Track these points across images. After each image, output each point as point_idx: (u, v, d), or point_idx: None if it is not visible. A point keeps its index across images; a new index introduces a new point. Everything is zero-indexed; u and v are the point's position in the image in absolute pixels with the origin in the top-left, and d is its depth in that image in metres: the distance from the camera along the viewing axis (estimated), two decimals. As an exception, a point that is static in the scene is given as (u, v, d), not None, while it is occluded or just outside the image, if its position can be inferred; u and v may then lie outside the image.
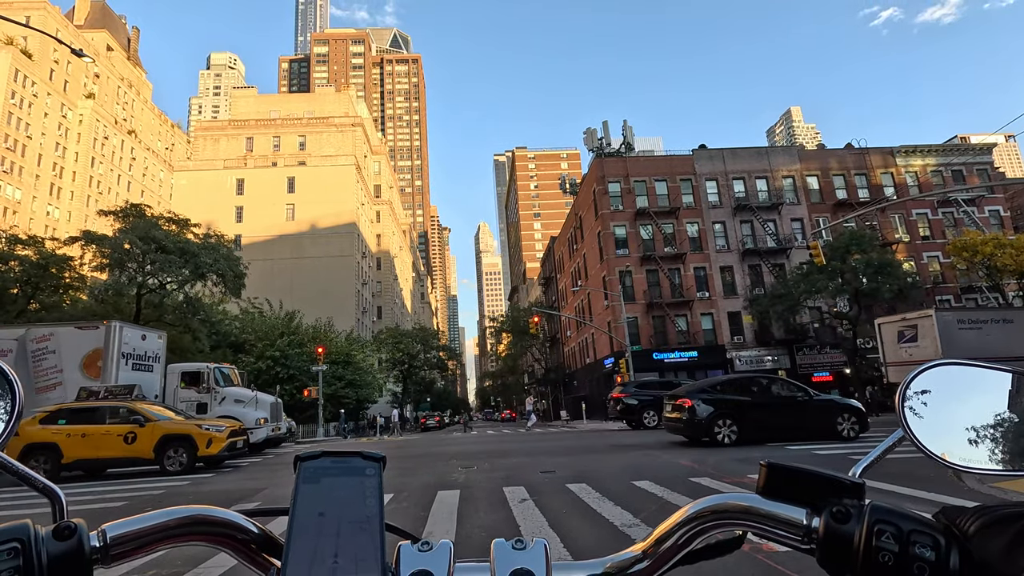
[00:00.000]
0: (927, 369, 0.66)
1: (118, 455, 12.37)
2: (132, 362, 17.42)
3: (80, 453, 12.18)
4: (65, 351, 16.31)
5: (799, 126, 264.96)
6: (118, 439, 12.28)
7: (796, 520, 0.58)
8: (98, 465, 12.56)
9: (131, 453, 12.36)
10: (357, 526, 0.58)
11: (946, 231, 41.05)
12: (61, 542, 0.53)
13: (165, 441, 12.46)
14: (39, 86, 74.36)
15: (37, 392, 15.87)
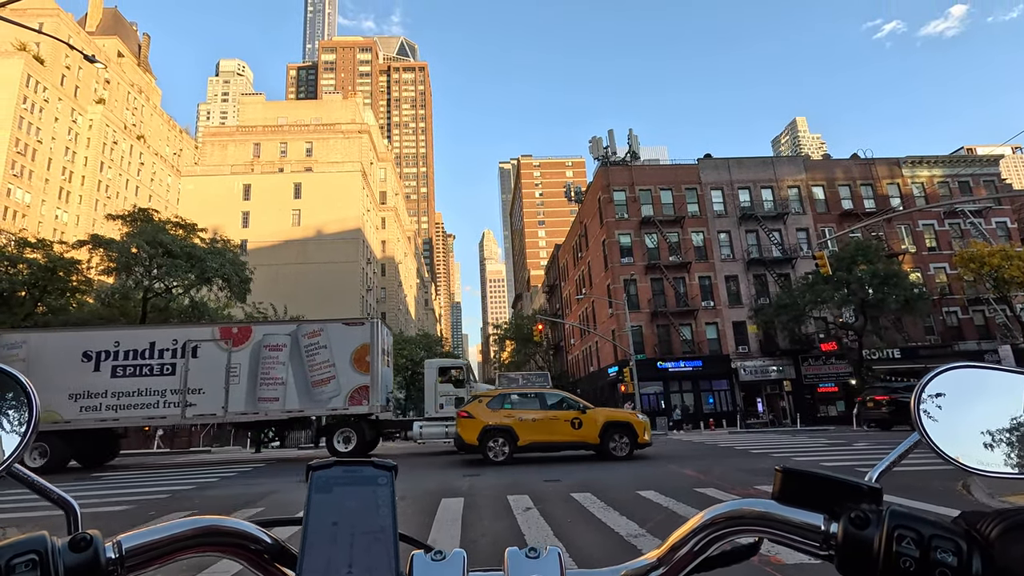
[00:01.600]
0: (942, 372, 0.65)
1: (567, 439, 13.23)
2: (385, 357, 18.18)
3: (533, 437, 13.15)
4: (336, 346, 16.87)
5: (804, 136, 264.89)
6: (566, 424, 13.18)
7: (813, 526, 0.57)
8: (549, 448, 13.42)
9: (578, 438, 13.23)
10: (371, 536, 0.59)
11: (953, 242, 40.85)
12: (77, 553, 0.54)
13: (607, 428, 13.23)
14: (50, 91, 75.21)
15: (313, 386, 16.50)
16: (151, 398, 16.22)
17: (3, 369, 0.66)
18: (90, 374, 16.17)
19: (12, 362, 15.84)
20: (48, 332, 18.19)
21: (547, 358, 68.15)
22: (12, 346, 16.28)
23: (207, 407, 16.39)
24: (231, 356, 16.60)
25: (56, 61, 76.19)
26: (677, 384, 38.43)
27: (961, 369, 0.65)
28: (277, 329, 17.33)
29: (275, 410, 16.44)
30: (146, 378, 16.34)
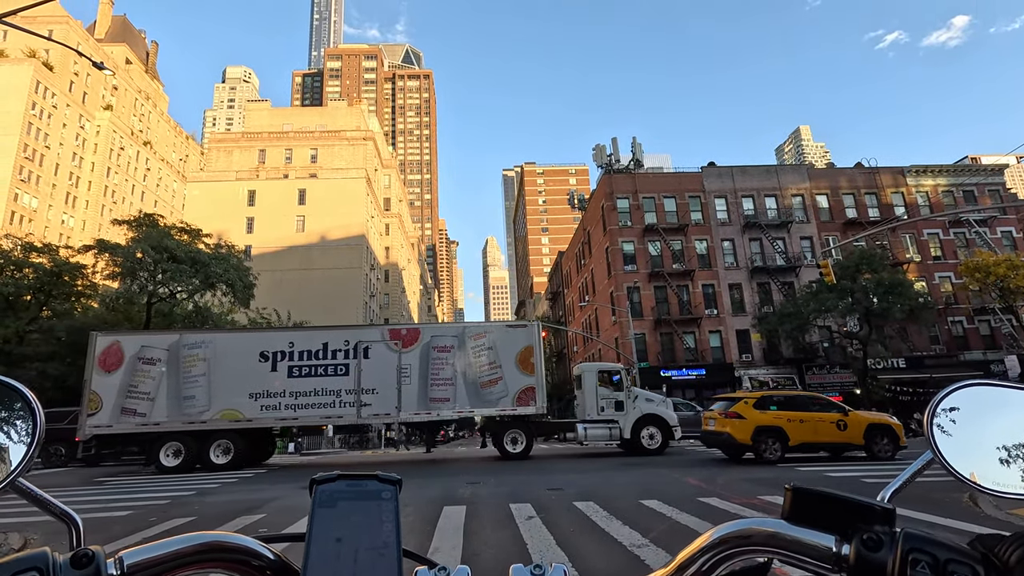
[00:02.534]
0: (956, 389, 0.64)
1: (833, 440, 13.51)
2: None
3: (803, 437, 13.37)
4: (501, 348, 17.16)
5: (808, 144, 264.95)
6: (831, 426, 13.42)
7: (824, 547, 0.56)
8: (817, 448, 13.70)
9: (844, 439, 13.49)
10: (375, 552, 0.58)
11: (958, 251, 40.70)
12: (79, 570, 0.53)
13: (871, 430, 13.50)
14: (59, 98, 75.93)
15: (482, 387, 16.81)
16: (327, 398, 16.50)
17: (8, 383, 0.66)
18: (268, 374, 16.53)
19: (195, 362, 16.40)
20: (226, 332, 18.76)
21: (550, 365, 68.04)
22: (194, 346, 16.57)
23: (381, 407, 16.63)
24: (401, 357, 16.91)
25: (65, 68, 76.99)
26: (680, 392, 38.21)
27: (976, 387, 0.64)
28: (444, 331, 17.80)
29: (447, 410, 16.75)
30: (321, 378, 16.62)
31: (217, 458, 15.88)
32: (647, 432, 17.45)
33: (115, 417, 15.72)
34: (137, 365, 16.12)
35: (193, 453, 15.88)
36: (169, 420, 15.92)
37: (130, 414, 15.78)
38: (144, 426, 15.83)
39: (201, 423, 15.96)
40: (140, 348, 16.39)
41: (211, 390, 16.18)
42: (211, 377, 16.26)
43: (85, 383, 15.95)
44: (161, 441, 15.89)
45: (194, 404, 16.04)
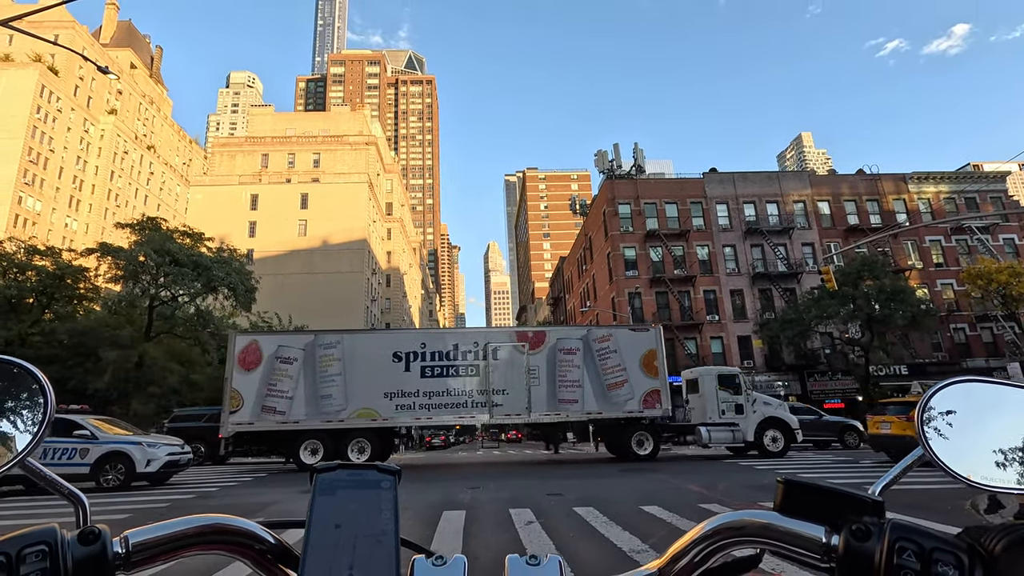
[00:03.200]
0: (947, 386, 0.65)
1: None
2: None
3: None
4: (625, 351, 17.37)
5: (810, 151, 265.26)
6: None
7: (815, 538, 0.57)
8: None
9: None
10: (373, 539, 0.59)
11: (960, 258, 40.64)
12: (86, 546, 0.55)
13: None
14: (64, 101, 76.39)
15: (608, 389, 16.98)
16: (460, 398, 16.74)
17: (19, 363, 0.67)
18: (402, 374, 16.74)
19: (330, 362, 16.55)
20: (359, 333, 19.04)
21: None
22: (329, 346, 16.75)
23: (512, 408, 16.76)
24: (528, 359, 17.12)
25: (70, 72, 77.48)
26: (681, 398, 38.15)
27: (966, 383, 0.65)
28: (569, 333, 17.91)
29: (575, 411, 16.90)
30: (453, 378, 16.87)
31: (354, 456, 15.96)
32: (769, 435, 17.58)
33: (256, 415, 15.99)
34: (275, 364, 16.37)
35: (330, 451, 16.10)
36: (308, 418, 16.13)
37: (270, 412, 16.04)
38: (284, 424, 16.04)
39: (339, 422, 16.20)
40: (277, 348, 16.65)
41: (347, 389, 16.41)
42: (346, 377, 16.52)
43: (226, 381, 16.27)
44: (300, 439, 16.14)
45: (331, 403, 16.28)
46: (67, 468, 12.09)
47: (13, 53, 71.93)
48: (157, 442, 13.15)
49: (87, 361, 26.71)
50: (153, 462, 12.55)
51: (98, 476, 12.21)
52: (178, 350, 30.78)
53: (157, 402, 28.38)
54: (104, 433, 12.71)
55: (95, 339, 26.89)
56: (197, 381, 30.19)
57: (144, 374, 27.78)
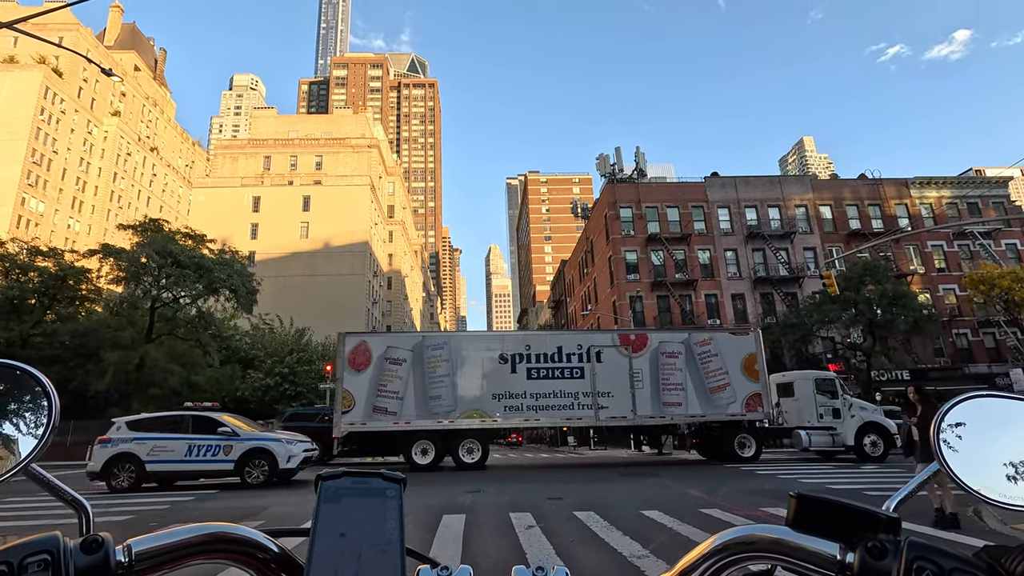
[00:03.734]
0: (962, 401, 0.64)
1: None
2: None
3: None
4: (726, 354, 17.58)
5: (812, 155, 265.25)
6: None
7: (829, 555, 0.55)
8: None
9: None
10: (378, 548, 0.58)
11: (962, 264, 40.56)
12: (88, 555, 0.54)
13: None
14: (67, 103, 76.66)
15: (711, 392, 17.24)
16: (566, 400, 16.87)
17: (25, 368, 0.66)
18: (509, 376, 16.93)
19: (439, 363, 16.72)
20: (465, 335, 19.34)
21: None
22: (436, 347, 17.03)
23: (617, 410, 16.89)
24: (632, 362, 17.32)
25: (74, 74, 77.78)
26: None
27: (983, 398, 0.64)
28: (671, 337, 18.18)
29: (679, 414, 17.07)
30: (558, 380, 17.02)
31: (465, 457, 16.29)
32: (869, 439, 17.58)
33: (368, 415, 16.17)
34: (384, 365, 16.59)
35: (440, 452, 16.27)
36: (419, 419, 16.32)
37: (382, 412, 16.23)
38: (396, 424, 16.22)
39: (449, 422, 16.37)
40: (386, 348, 16.83)
41: (456, 390, 16.63)
42: (454, 378, 16.73)
43: (337, 381, 16.59)
44: (411, 439, 16.30)
45: (441, 404, 16.48)
46: (213, 464, 12.35)
47: (18, 55, 72.25)
48: (293, 439, 13.42)
49: (88, 362, 26.73)
50: (292, 458, 12.77)
51: (242, 472, 12.44)
52: (179, 352, 30.78)
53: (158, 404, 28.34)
54: (243, 430, 12.96)
55: (96, 340, 26.92)
56: (198, 383, 30.18)
57: (145, 375, 27.79)
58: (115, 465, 12.19)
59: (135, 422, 12.88)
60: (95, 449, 12.32)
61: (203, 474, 12.58)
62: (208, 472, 12.52)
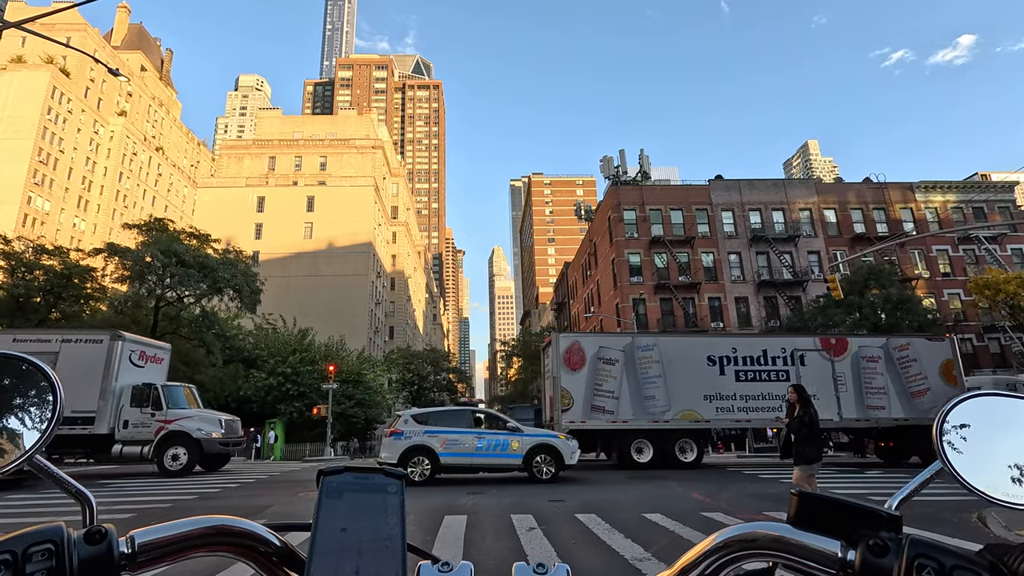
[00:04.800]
0: (965, 400, 0.64)
1: None
2: None
3: None
4: (923, 360, 18.02)
5: (816, 159, 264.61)
6: None
7: (830, 552, 0.55)
8: None
9: None
10: (379, 544, 0.58)
11: (967, 268, 40.38)
12: (92, 546, 0.54)
13: None
14: (74, 103, 77.10)
15: (913, 396, 17.56)
16: (774, 401, 17.16)
17: (30, 360, 0.67)
18: (718, 377, 17.34)
19: (650, 364, 17.17)
20: (673, 336, 19.87)
21: (554, 376, 67.72)
22: (646, 348, 17.46)
23: (823, 413, 17.42)
24: (834, 365, 17.71)
25: (81, 74, 78.24)
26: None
27: (984, 397, 0.64)
28: (870, 342, 18.52)
29: (883, 418, 17.32)
30: (765, 383, 17.41)
31: (681, 456, 16.55)
32: None
33: (586, 413, 16.55)
34: (598, 364, 17.04)
35: (657, 451, 16.54)
36: (635, 418, 16.71)
37: (599, 411, 16.63)
38: (614, 423, 16.59)
39: (664, 422, 16.72)
40: (598, 348, 17.27)
41: (668, 391, 16.99)
42: (667, 379, 17.09)
43: (555, 380, 16.91)
44: (628, 438, 16.60)
45: (655, 404, 16.88)
46: (502, 459, 12.71)
47: (26, 55, 72.70)
48: (570, 437, 13.87)
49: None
50: (574, 455, 13.18)
51: (530, 467, 12.73)
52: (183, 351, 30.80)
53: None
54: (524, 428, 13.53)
55: (101, 339, 26.96)
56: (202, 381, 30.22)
57: (149, 374, 27.83)
58: (411, 457, 12.60)
59: (418, 415, 13.34)
60: (388, 441, 12.82)
61: (492, 468, 12.96)
62: (496, 466, 12.91)
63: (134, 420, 15.97)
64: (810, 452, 7.15)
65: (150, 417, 15.98)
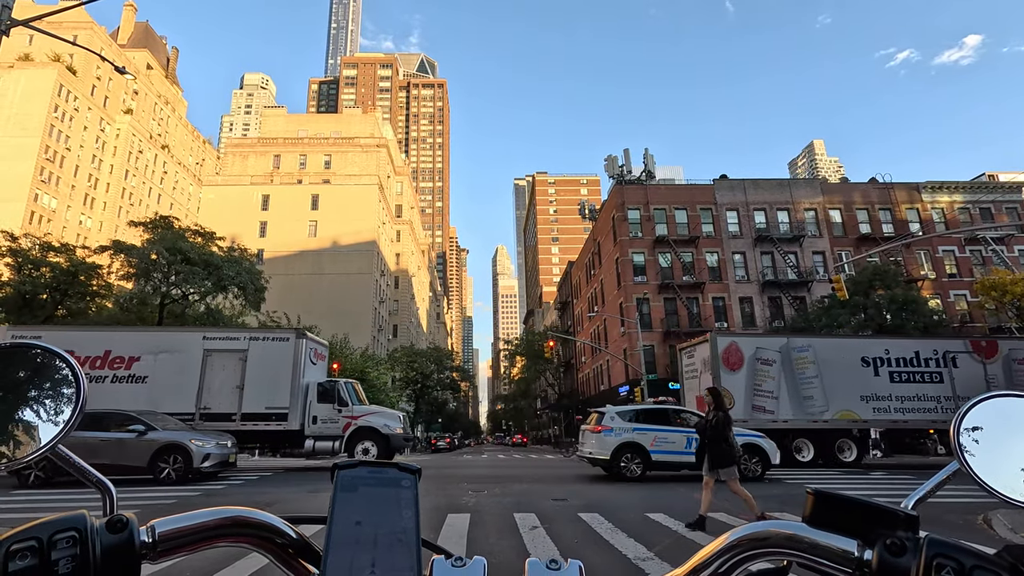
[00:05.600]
0: (983, 400, 0.64)
1: None
2: None
3: None
4: None
5: (822, 159, 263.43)
6: None
7: (846, 552, 0.55)
8: None
9: None
10: (394, 537, 0.59)
11: (974, 269, 40.13)
12: (114, 534, 0.56)
13: None
14: (81, 101, 77.47)
15: None
16: (929, 403, 17.58)
17: (53, 350, 0.66)
18: (872, 378, 17.65)
19: (806, 365, 17.52)
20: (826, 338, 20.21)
21: (557, 375, 67.75)
22: (801, 349, 17.80)
23: None
24: (986, 368, 18.00)
25: (88, 72, 78.60)
26: (689, 406, 37.93)
27: (1002, 398, 0.63)
28: (1019, 344, 19.02)
29: None
30: (919, 384, 17.75)
31: (843, 456, 16.77)
32: None
33: (748, 413, 16.81)
34: (756, 365, 17.42)
35: (817, 450, 16.80)
36: (794, 418, 17.01)
37: (760, 411, 16.94)
38: (774, 422, 16.80)
39: (823, 422, 17.01)
40: (755, 349, 17.66)
41: (826, 391, 17.28)
42: (823, 379, 17.38)
43: (714, 379, 17.16)
44: (789, 437, 16.74)
45: (813, 404, 17.21)
46: (682, 457, 12.66)
47: (33, 53, 73.08)
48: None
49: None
50: (776, 454, 13.17)
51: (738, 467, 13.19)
52: (187, 348, 30.94)
53: (166, 399, 28.55)
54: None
55: (106, 336, 27.10)
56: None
57: (154, 371, 27.94)
58: (623, 454, 12.69)
59: (621, 412, 13.49)
60: (598, 437, 12.94)
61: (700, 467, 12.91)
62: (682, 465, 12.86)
63: (323, 416, 16.46)
64: (718, 454, 7.24)
65: (337, 413, 16.45)
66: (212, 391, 15.90)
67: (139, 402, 14.93)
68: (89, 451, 11.67)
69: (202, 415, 15.67)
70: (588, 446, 13.32)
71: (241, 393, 15.91)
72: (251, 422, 15.78)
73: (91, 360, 15.93)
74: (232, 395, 15.89)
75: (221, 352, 16.34)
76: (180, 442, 12.27)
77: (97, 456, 11.61)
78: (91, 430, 12.07)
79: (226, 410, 15.78)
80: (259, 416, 15.98)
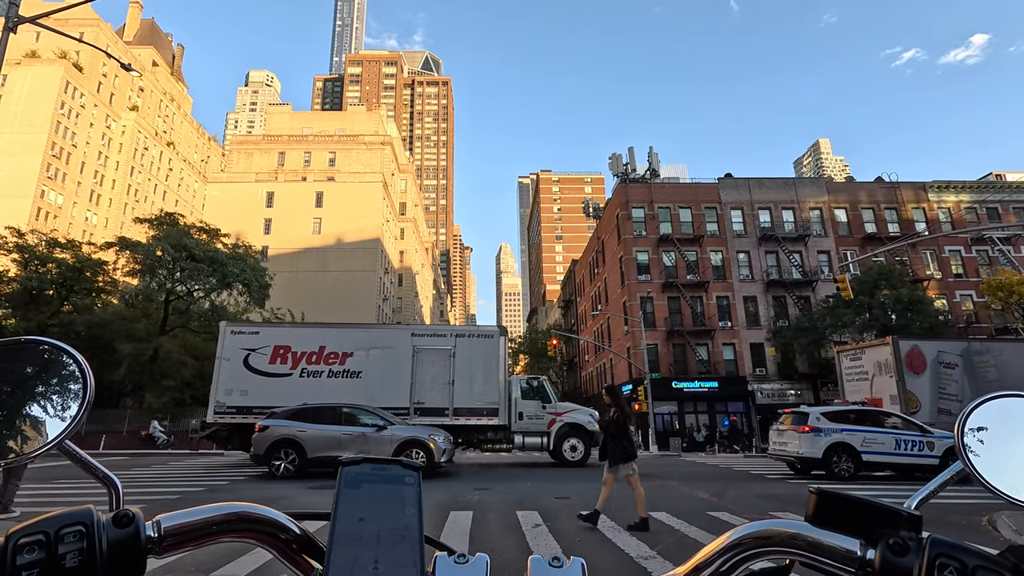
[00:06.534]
0: (986, 401, 0.63)
1: None
2: None
3: None
4: None
5: (827, 158, 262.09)
6: None
7: (849, 551, 0.55)
8: None
9: None
10: (397, 534, 0.59)
11: (980, 269, 39.89)
12: (120, 529, 0.56)
13: None
14: (87, 98, 77.77)
15: None
16: None
17: (60, 346, 0.67)
18: None
19: (987, 368, 17.65)
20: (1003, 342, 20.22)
21: (561, 374, 67.74)
22: (981, 352, 18.07)
23: None
24: None
25: (94, 69, 78.88)
26: (692, 405, 37.88)
27: (1007, 399, 0.63)
28: None
29: None
30: None
31: None
32: None
33: (933, 416, 16.58)
34: (939, 369, 17.52)
35: None
36: None
37: (945, 414, 16.79)
38: None
39: None
40: (937, 353, 17.72)
41: None
42: (1004, 384, 17.26)
43: (898, 384, 17.24)
44: None
45: None
46: (918, 459, 12.80)
47: (39, 50, 73.36)
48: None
49: (103, 353, 27.11)
50: None
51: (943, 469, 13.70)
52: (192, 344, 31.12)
53: (171, 395, 28.72)
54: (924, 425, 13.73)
55: (112, 332, 27.28)
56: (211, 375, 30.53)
57: (159, 367, 28.13)
58: (833, 454, 12.90)
59: (826, 413, 13.66)
60: (807, 436, 13.11)
61: (907, 468, 12.98)
62: (911, 467, 12.95)
63: (528, 412, 16.85)
64: (618, 451, 7.31)
65: (542, 409, 16.84)
66: (424, 386, 16.36)
67: (356, 396, 15.27)
68: (335, 444, 12.30)
69: (416, 409, 16.04)
70: (792, 445, 13.43)
71: (452, 388, 16.35)
72: (463, 417, 16.20)
73: (307, 355, 16.45)
74: (443, 390, 16.34)
75: (429, 350, 16.82)
76: (420, 438, 12.69)
77: (343, 449, 12.09)
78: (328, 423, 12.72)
79: (439, 405, 16.18)
80: (471, 411, 16.43)
